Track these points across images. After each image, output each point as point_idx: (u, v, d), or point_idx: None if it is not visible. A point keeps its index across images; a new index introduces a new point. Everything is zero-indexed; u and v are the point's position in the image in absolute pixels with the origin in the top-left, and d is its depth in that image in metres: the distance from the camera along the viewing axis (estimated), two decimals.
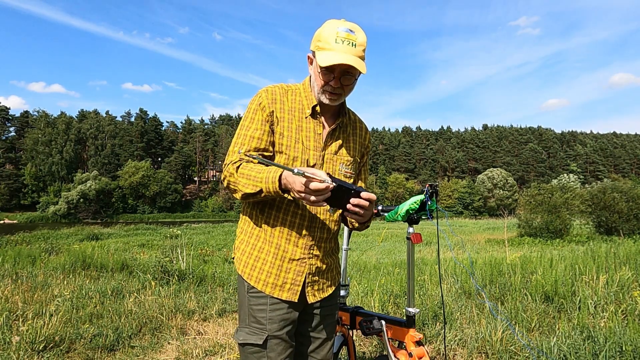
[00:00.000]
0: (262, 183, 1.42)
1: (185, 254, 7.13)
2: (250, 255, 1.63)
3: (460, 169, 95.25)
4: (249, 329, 1.59)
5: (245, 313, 1.61)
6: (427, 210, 1.90)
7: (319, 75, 1.54)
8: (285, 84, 1.66)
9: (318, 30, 1.56)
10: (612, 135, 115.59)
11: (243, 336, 1.59)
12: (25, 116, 77.68)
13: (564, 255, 7.17)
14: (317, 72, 1.54)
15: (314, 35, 1.57)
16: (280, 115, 1.58)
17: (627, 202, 21.35)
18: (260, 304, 1.60)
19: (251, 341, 1.57)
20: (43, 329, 3.32)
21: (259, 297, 1.60)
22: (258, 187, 1.44)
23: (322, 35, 1.52)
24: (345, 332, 2.21)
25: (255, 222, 1.64)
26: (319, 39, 1.53)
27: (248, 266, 1.62)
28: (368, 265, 9.71)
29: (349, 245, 2.37)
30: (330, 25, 1.53)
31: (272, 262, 1.61)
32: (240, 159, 1.52)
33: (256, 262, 1.61)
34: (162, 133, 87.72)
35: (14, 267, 6.90)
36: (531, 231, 22.37)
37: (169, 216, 68.92)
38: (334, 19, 1.56)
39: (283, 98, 1.60)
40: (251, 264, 1.62)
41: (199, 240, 23.73)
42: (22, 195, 68.33)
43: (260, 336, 1.57)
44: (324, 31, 1.52)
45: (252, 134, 1.57)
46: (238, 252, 1.67)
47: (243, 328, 1.61)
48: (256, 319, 1.59)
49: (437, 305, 3.86)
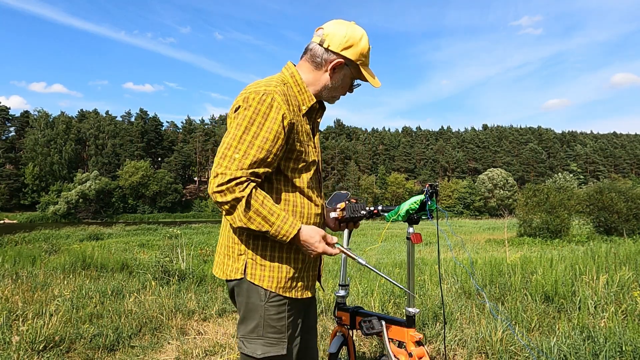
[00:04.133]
0: (273, 228, 1.35)
1: (185, 254, 7.13)
2: (279, 258, 1.48)
3: (460, 169, 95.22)
4: (265, 339, 1.46)
5: (259, 324, 1.47)
6: (427, 210, 1.90)
7: (347, 85, 1.60)
8: (275, 79, 1.51)
9: (362, 41, 1.53)
10: (612, 135, 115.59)
11: (262, 349, 1.45)
12: (26, 116, 77.65)
13: (564, 255, 7.17)
14: (347, 82, 1.59)
15: (355, 42, 1.52)
16: (295, 119, 1.47)
17: (625, 202, 21.32)
18: (280, 312, 1.48)
19: (273, 353, 1.46)
20: (43, 328, 3.32)
21: (279, 305, 1.48)
22: (265, 229, 1.35)
23: (365, 49, 1.54)
24: (345, 332, 2.21)
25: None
26: (362, 53, 1.53)
27: (274, 271, 1.47)
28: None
29: (349, 245, 2.36)
30: (365, 36, 1.54)
31: (303, 259, 1.53)
32: (248, 180, 1.34)
33: (286, 264, 1.49)
34: (162, 133, 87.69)
35: (14, 267, 6.90)
36: (531, 231, 22.37)
37: (169, 216, 68.86)
38: (355, 24, 1.56)
39: (291, 99, 1.49)
40: (277, 268, 1.48)
41: (199, 240, 23.70)
42: (22, 195, 68.29)
43: (282, 346, 1.47)
44: (365, 44, 1.54)
45: (270, 147, 1.38)
46: (253, 259, 1.48)
47: (256, 340, 1.47)
48: (275, 328, 1.47)
49: (437, 305, 3.86)
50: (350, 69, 1.55)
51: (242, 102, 1.42)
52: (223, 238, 1.57)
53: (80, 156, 76.25)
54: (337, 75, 1.55)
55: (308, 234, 1.42)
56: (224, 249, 1.55)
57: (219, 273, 1.58)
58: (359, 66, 1.55)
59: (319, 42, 1.53)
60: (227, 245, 1.54)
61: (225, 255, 1.54)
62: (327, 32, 1.52)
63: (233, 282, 1.53)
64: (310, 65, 1.56)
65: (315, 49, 1.54)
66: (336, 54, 1.51)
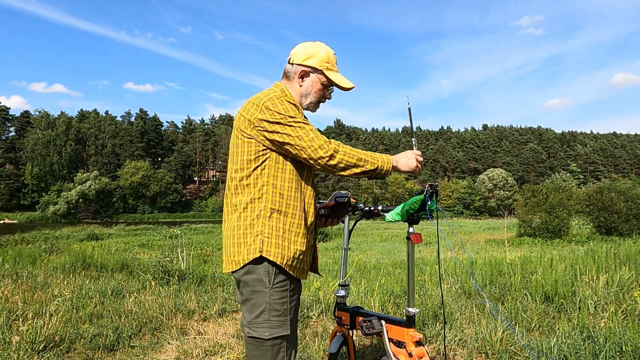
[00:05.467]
0: (378, 162, 1.74)
1: (185, 254, 7.13)
2: (293, 242, 1.72)
3: (460, 169, 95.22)
4: (270, 323, 1.66)
5: (265, 309, 1.67)
6: (427, 210, 1.90)
7: (319, 90, 1.87)
8: (278, 91, 1.82)
9: (321, 52, 1.85)
10: (612, 135, 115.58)
11: (269, 331, 1.65)
12: (26, 116, 77.67)
13: (564, 255, 7.17)
14: (318, 87, 1.87)
15: (314, 54, 1.84)
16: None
17: (625, 202, 21.32)
18: (283, 297, 1.70)
19: (280, 334, 1.66)
20: (43, 328, 3.32)
21: (283, 291, 1.70)
22: (375, 165, 1.73)
23: (329, 57, 1.86)
24: (345, 332, 2.21)
25: (293, 205, 1.74)
26: (327, 60, 1.85)
27: (285, 250, 1.70)
28: (368, 265, 9.72)
29: (349, 245, 2.37)
30: (327, 48, 1.87)
31: (306, 243, 1.78)
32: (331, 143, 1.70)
33: (294, 246, 1.72)
34: (162, 133, 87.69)
35: (14, 267, 6.89)
36: (530, 231, 22.37)
37: (169, 216, 68.87)
38: (319, 42, 1.89)
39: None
40: (287, 248, 1.71)
41: (199, 240, 23.72)
42: (22, 195, 68.29)
43: (286, 327, 1.68)
44: (329, 54, 1.86)
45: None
46: (269, 237, 1.69)
47: (263, 324, 1.66)
48: (280, 311, 1.68)
49: (437, 305, 3.86)
50: (317, 75, 1.86)
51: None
52: (234, 230, 1.73)
53: (80, 156, 76.24)
54: (306, 82, 1.86)
55: (399, 159, 1.84)
56: (235, 239, 1.72)
57: (230, 267, 1.74)
58: (324, 72, 1.85)
59: (288, 61, 1.89)
60: (240, 234, 1.71)
61: (237, 245, 1.71)
62: (292, 52, 1.88)
63: (243, 270, 1.71)
64: (285, 81, 1.90)
65: (286, 67, 1.89)
66: (300, 65, 1.85)
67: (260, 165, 1.71)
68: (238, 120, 1.77)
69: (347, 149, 1.71)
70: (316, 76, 1.86)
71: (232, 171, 1.77)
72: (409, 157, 1.82)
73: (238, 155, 1.74)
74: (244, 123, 1.73)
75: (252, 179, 1.71)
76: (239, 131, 1.75)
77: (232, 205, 1.76)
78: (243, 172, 1.72)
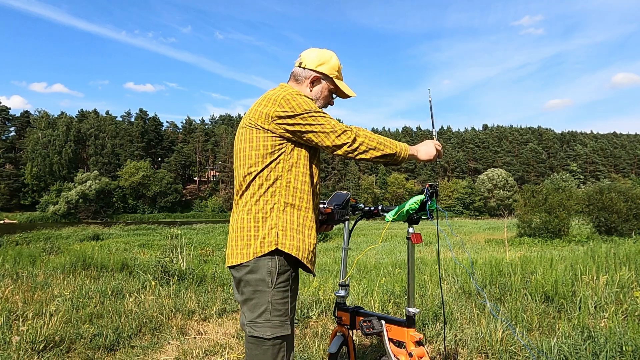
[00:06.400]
0: (397, 148, 1.79)
1: (185, 254, 7.13)
2: (307, 235, 1.77)
3: (460, 169, 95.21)
4: (272, 322, 1.68)
5: (267, 309, 1.68)
6: (427, 210, 1.91)
7: (327, 97, 1.95)
8: (292, 89, 1.83)
9: (332, 60, 1.93)
10: (612, 135, 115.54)
11: (270, 331, 1.67)
12: (26, 116, 77.63)
13: (564, 255, 7.17)
14: (326, 94, 1.94)
15: (326, 61, 1.91)
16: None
17: (625, 202, 21.30)
18: (284, 297, 1.71)
19: (281, 334, 1.68)
20: (43, 328, 3.32)
21: (284, 291, 1.71)
22: (394, 150, 1.78)
23: (336, 65, 1.93)
24: (345, 332, 2.21)
25: (306, 199, 1.79)
26: (337, 68, 1.94)
27: (300, 242, 1.74)
28: (368, 265, 9.71)
29: (348, 245, 2.36)
30: (334, 56, 1.94)
31: (316, 237, 1.83)
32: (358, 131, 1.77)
33: (307, 239, 1.77)
34: (162, 133, 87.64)
35: (14, 267, 6.89)
36: (530, 231, 22.36)
37: (169, 216, 68.85)
38: (326, 49, 1.95)
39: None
40: (302, 241, 1.75)
41: (199, 240, 23.73)
42: (22, 195, 68.26)
43: (286, 327, 1.70)
44: (335, 62, 1.94)
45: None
46: (283, 230, 1.72)
47: (264, 323, 1.67)
48: (280, 311, 1.70)
49: (437, 305, 3.86)
50: (327, 82, 1.93)
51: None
52: (243, 222, 1.74)
53: (80, 156, 76.19)
54: (316, 88, 1.92)
55: (419, 148, 1.91)
56: (245, 232, 1.73)
57: (237, 259, 1.72)
58: (333, 79, 1.92)
59: (298, 65, 1.93)
60: (251, 226, 1.72)
61: (247, 237, 1.72)
62: (303, 56, 1.93)
63: (246, 268, 1.70)
64: (294, 83, 1.93)
65: (296, 70, 1.93)
66: (312, 70, 1.90)
67: (276, 159, 1.75)
68: (254, 116, 1.77)
69: (368, 133, 1.77)
70: (326, 83, 1.92)
71: (245, 167, 1.77)
72: (429, 146, 1.89)
73: (252, 150, 1.75)
74: (260, 118, 1.75)
75: (266, 172, 1.74)
76: (254, 126, 1.76)
77: (242, 199, 1.78)
78: (258, 167, 1.74)
